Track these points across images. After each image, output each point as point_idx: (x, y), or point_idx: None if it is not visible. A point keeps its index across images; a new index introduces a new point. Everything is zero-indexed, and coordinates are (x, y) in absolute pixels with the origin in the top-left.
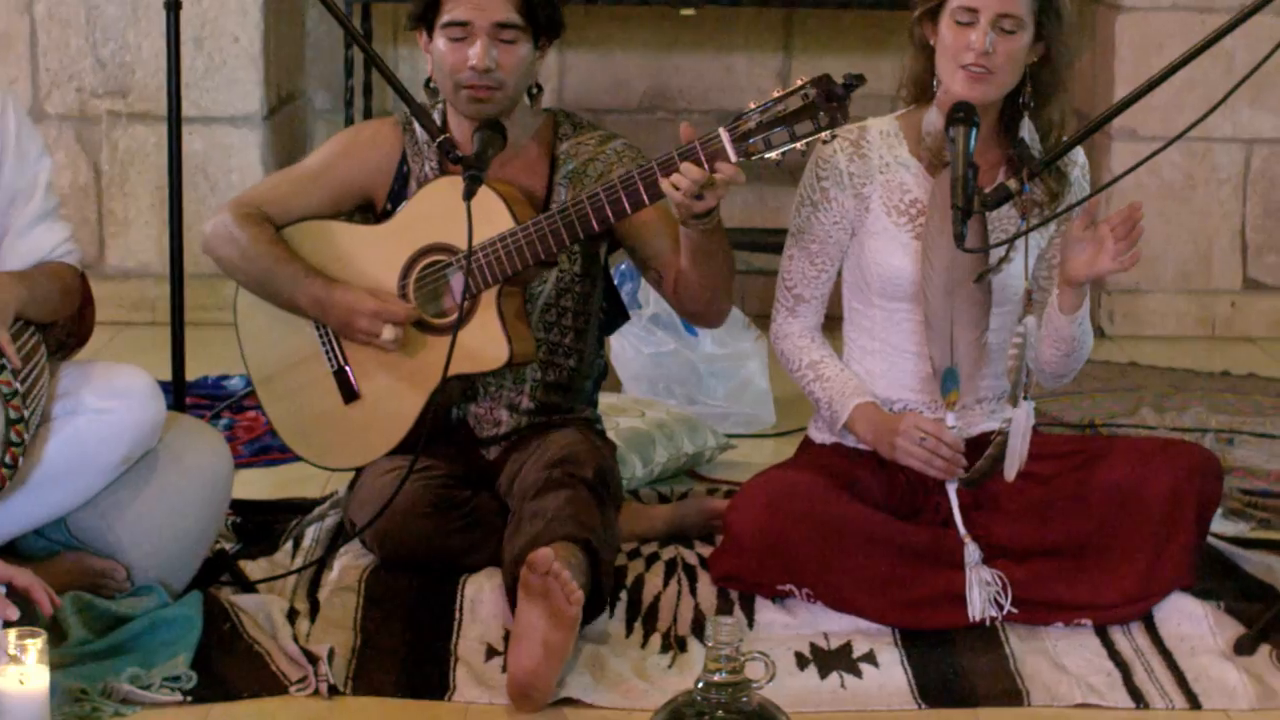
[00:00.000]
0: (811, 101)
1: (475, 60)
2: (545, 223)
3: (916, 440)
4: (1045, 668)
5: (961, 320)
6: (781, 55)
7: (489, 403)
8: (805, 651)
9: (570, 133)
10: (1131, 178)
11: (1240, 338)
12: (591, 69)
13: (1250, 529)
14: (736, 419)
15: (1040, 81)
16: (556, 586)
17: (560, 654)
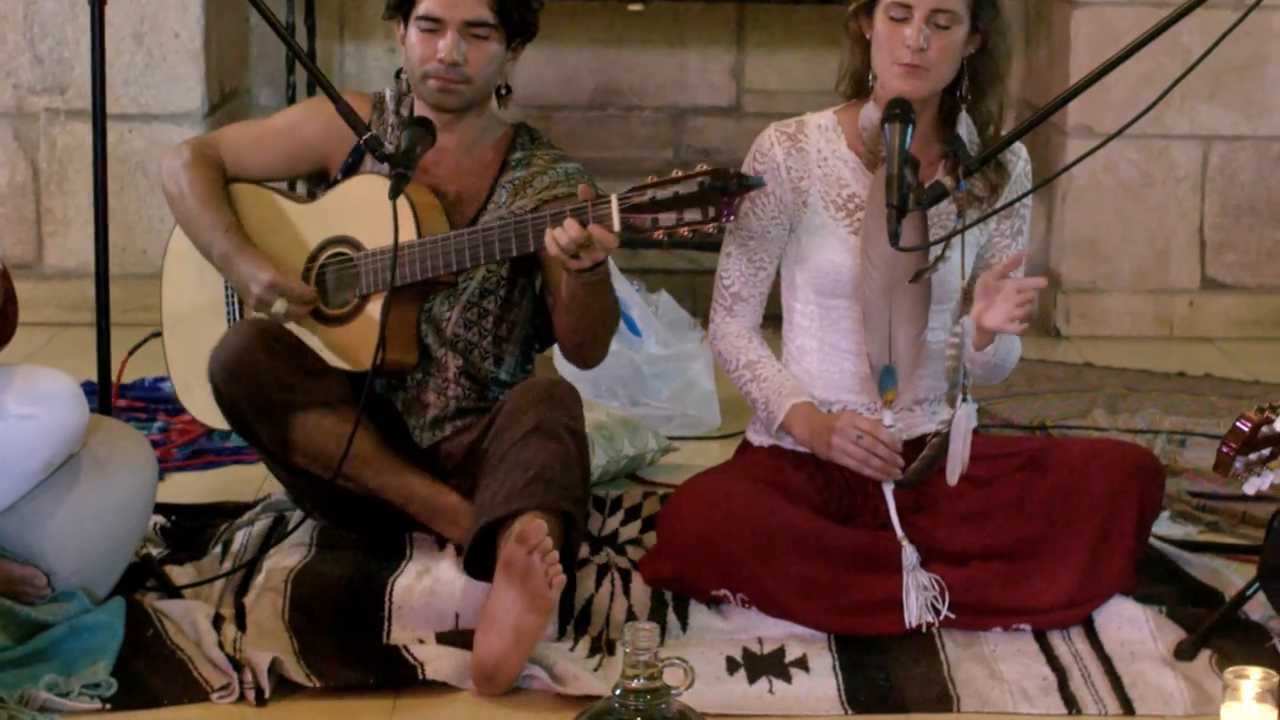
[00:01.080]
0: (705, 191)
1: (443, 53)
2: (440, 245)
3: (853, 439)
4: (980, 674)
5: (900, 318)
6: (734, 51)
7: (415, 389)
8: (737, 656)
9: (527, 144)
10: (1088, 175)
11: (1198, 338)
12: (541, 65)
13: (1198, 532)
14: (681, 421)
15: (978, 74)
16: (540, 568)
17: (532, 639)
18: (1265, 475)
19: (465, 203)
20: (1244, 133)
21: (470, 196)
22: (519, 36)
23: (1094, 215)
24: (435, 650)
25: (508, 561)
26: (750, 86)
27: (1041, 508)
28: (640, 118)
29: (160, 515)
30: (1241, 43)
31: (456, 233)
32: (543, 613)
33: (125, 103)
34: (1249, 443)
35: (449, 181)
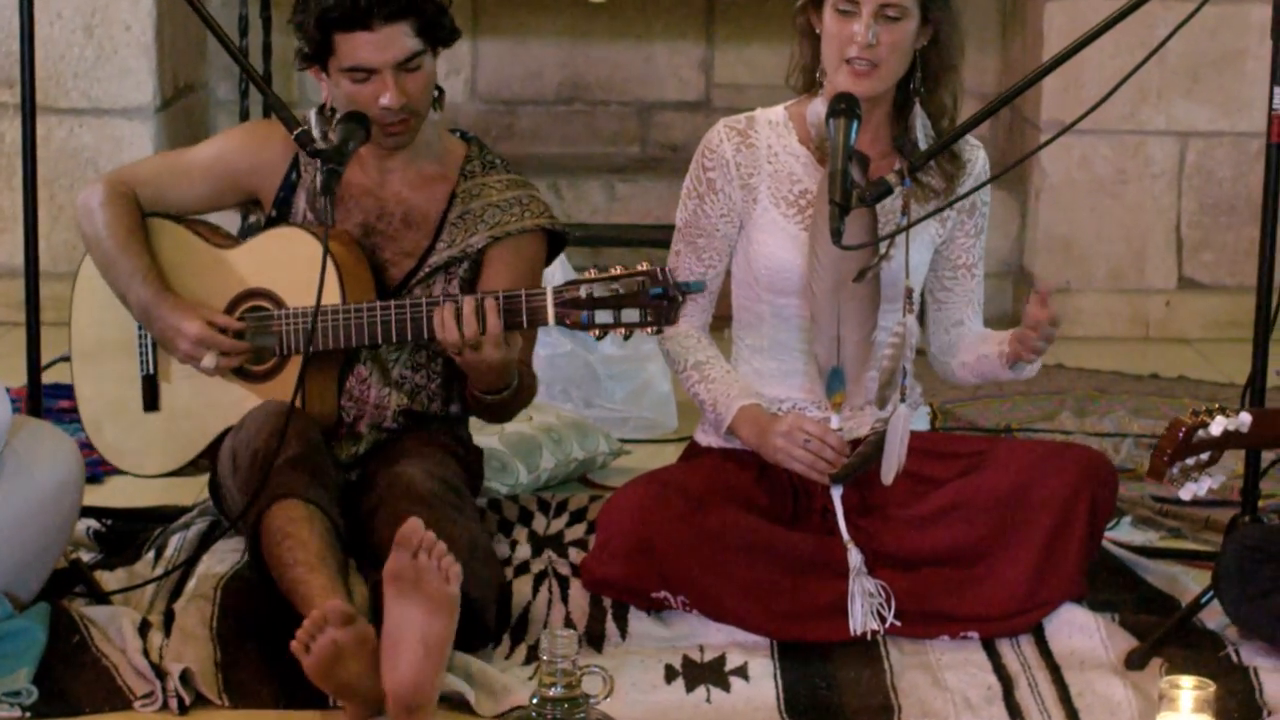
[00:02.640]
0: (644, 295)
1: (389, 101)
2: (365, 314)
3: (799, 442)
4: (923, 682)
5: (849, 318)
6: (704, 45)
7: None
8: (676, 664)
9: (477, 171)
10: (1062, 172)
11: (1175, 339)
12: (505, 59)
13: (1160, 538)
14: (637, 423)
15: (930, 66)
16: (430, 565)
17: (442, 648)
18: (1202, 480)
19: (413, 227)
20: (1222, 129)
21: (418, 220)
22: (443, 43)
23: (1068, 213)
24: None
25: (394, 574)
26: (720, 81)
27: (991, 512)
28: (607, 113)
29: (95, 519)
30: (1219, 37)
31: (384, 305)
32: (447, 614)
33: (75, 96)
34: (1183, 448)
35: (396, 202)
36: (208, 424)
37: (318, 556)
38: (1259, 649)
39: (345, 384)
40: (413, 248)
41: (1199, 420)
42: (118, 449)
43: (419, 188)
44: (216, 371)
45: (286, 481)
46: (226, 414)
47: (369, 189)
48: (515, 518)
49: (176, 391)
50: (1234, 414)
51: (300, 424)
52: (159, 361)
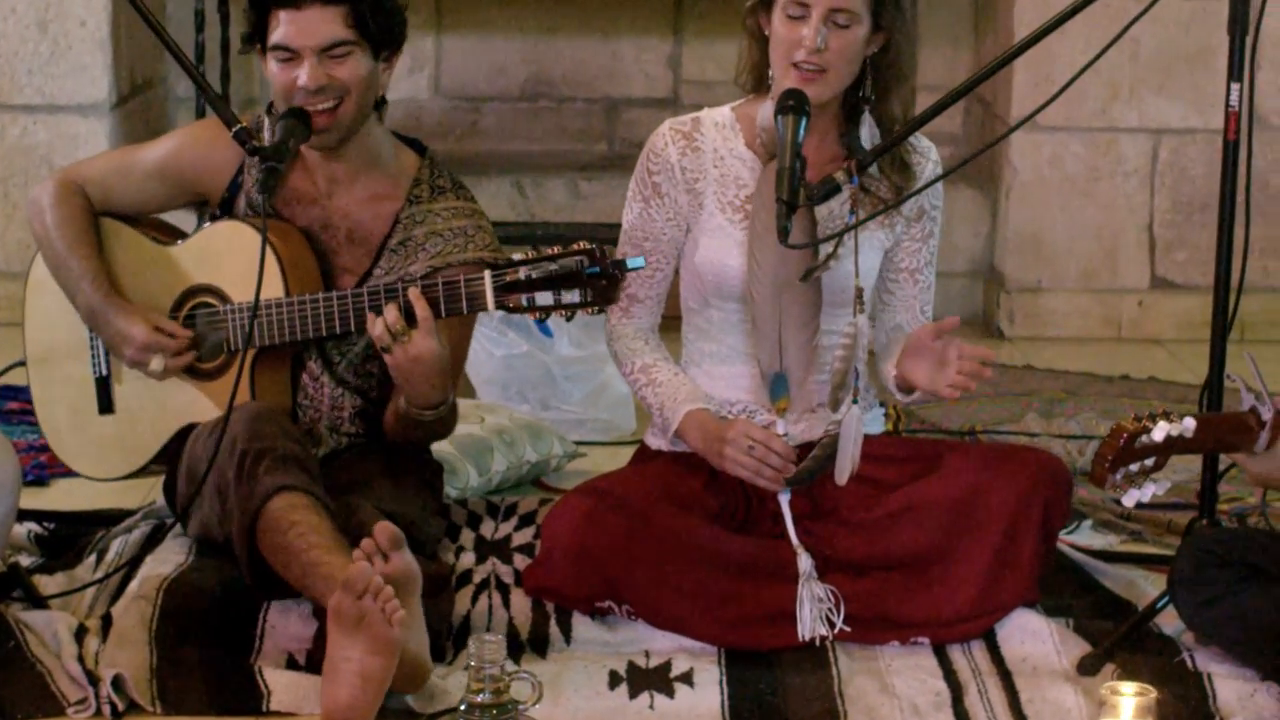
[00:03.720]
0: (582, 272)
1: (305, 80)
2: (309, 306)
3: (745, 449)
4: (871, 689)
5: (791, 321)
6: (671, 41)
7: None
8: (621, 670)
9: (425, 196)
10: (1033, 170)
11: (1147, 339)
12: (469, 55)
13: (1120, 542)
14: (594, 425)
15: (881, 74)
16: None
17: (381, 681)
18: (1146, 487)
19: (357, 244)
20: (1194, 126)
21: (361, 238)
22: (387, 46)
23: (1039, 212)
24: (287, 678)
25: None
26: (688, 77)
27: (943, 516)
28: (573, 110)
29: (36, 523)
30: (1192, 33)
31: (325, 296)
32: (387, 654)
33: (30, 93)
34: (1125, 453)
35: (341, 216)
36: (162, 425)
37: (332, 538)
38: (1214, 655)
39: (299, 381)
40: (354, 265)
41: (1141, 426)
42: (76, 454)
43: (366, 204)
44: (165, 375)
45: (281, 477)
46: (180, 414)
47: (315, 198)
48: (464, 522)
49: (130, 393)
50: (1178, 419)
51: (282, 422)
52: (111, 363)
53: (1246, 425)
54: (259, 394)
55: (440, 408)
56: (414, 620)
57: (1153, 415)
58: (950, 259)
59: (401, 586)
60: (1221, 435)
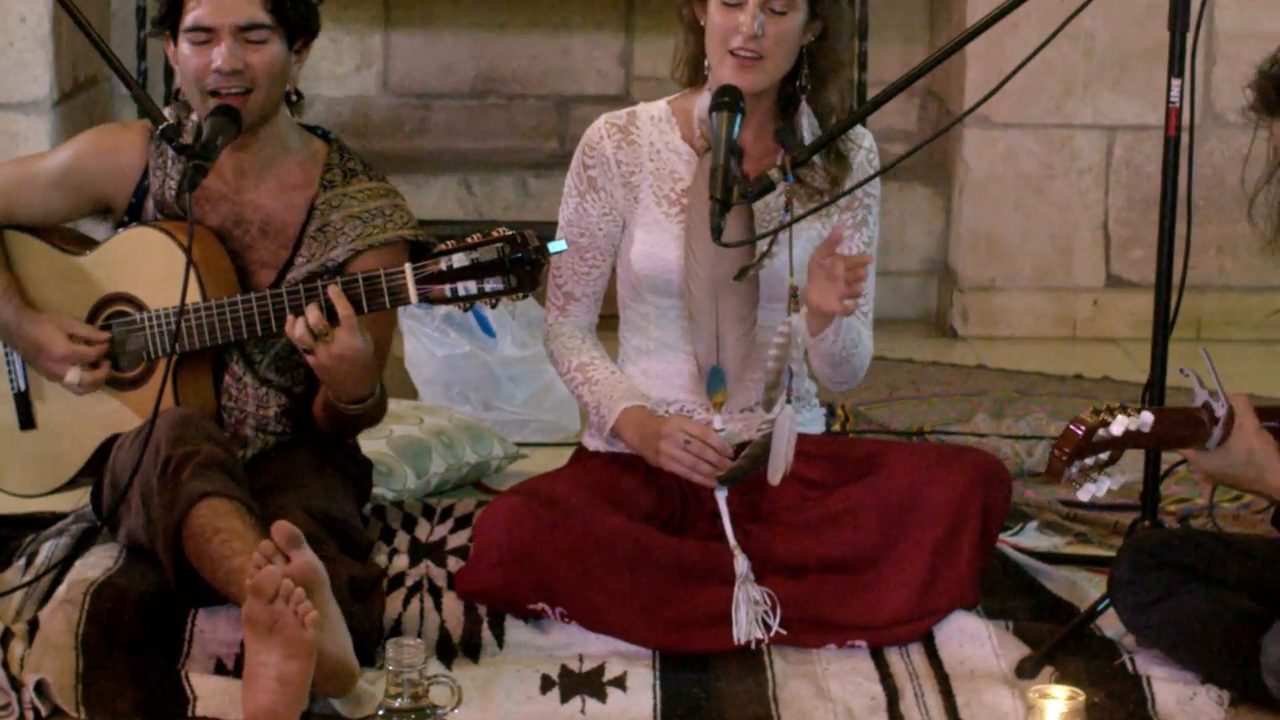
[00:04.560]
0: (504, 259)
1: (220, 62)
2: (228, 308)
3: (681, 444)
4: (806, 693)
5: (727, 317)
6: (623, 37)
7: (233, 424)
8: (554, 674)
9: (338, 180)
10: (986, 167)
11: (1102, 338)
12: (418, 51)
13: (1065, 543)
14: (537, 426)
15: (817, 63)
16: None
17: (300, 685)
18: (1102, 481)
19: (271, 237)
20: (1150, 122)
21: (276, 230)
22: (301, 36)
23: (992, 209)
24: (214, 683)
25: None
26: (640, 74)
27: (882, 517)
28: (524, 107)
29: None
30: (1147, 28)
31: (245, 297)
32: (304, 657)
33: None
34: (1083, 447)
35: (253, 210)
36: (86, 438)
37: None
38: (1154, 658)
39: (222, 384)
40: (271, 258)
41: (1100, 419)
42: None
43: (278, 195)
44: (84, 389)
45: (205, 483)
46: (103, 426)
47: (224, 194)
48: (399, 524)
49: (51, 408)
50: (1135, 413)
51: (205, 427)
52: (30, 378)
53: (1200, 421)
54: (182, 399)
55: (367, 400)
56: (328, 619)
57: (1110, 409)
58: (903, 257)
59: (308, 586)
60: (1176, 430)
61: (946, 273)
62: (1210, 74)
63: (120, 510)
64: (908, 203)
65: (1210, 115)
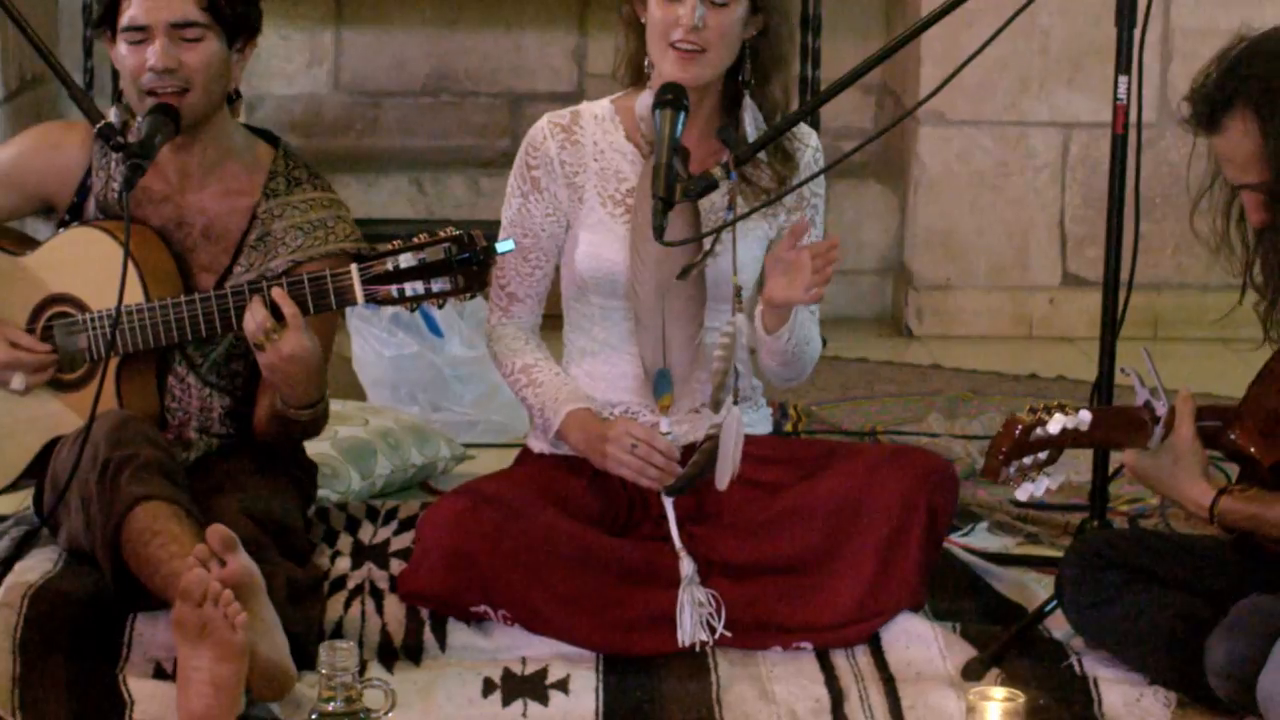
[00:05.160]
0: (451, 259)
1: (154, 60)
2: (171, 309)
3: (627, 448)
4: (750, 695)
5: (674, 318)
6: (576, 33)
7: (177, 426)
8: (496, 677)
9: (281, 189)
10: (941, 165)
11: (1058, 338)
12: (369, 49)
13: (1016, 544)
14: (486, 427)
15: (760, 58)
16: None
17: (234, 688)
18: (1040, 480)
19: (213, 241)
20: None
21: (218, 234)
22: (241, 34)
23: (947, 208)
24: (151, 688)
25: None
26: (594, 71)
27: (827, 518)
28: (476, 104)
29: None
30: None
31: (189, 298)
32: (235, 660)
33: None
34: (1020, 446)
35: (196, 212)
36: (28, 440)
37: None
38: (1102, 659)
39: (166, 385)
40: (212, 262)
41: (1037, 418)
42: None
43: (221, 199)
44: (27, 391)
45: (143, 486)
46: (45, 428)
47: (167, 195)
48: (342, 526)
49: None
50: (1073, 412)
51: (144, 429)
52: None
53: (1141, 421)
54: (126, 401)
55: (317, 405)
56: (263, 623)
57: (1048, 407)
58: (858, 256)
59: (242, 589)
60: (1116, 430)
61: (902, 272)
62: (1167, 71)
63: (60, 513)
64: (863, 201)
65: (1167, 113)
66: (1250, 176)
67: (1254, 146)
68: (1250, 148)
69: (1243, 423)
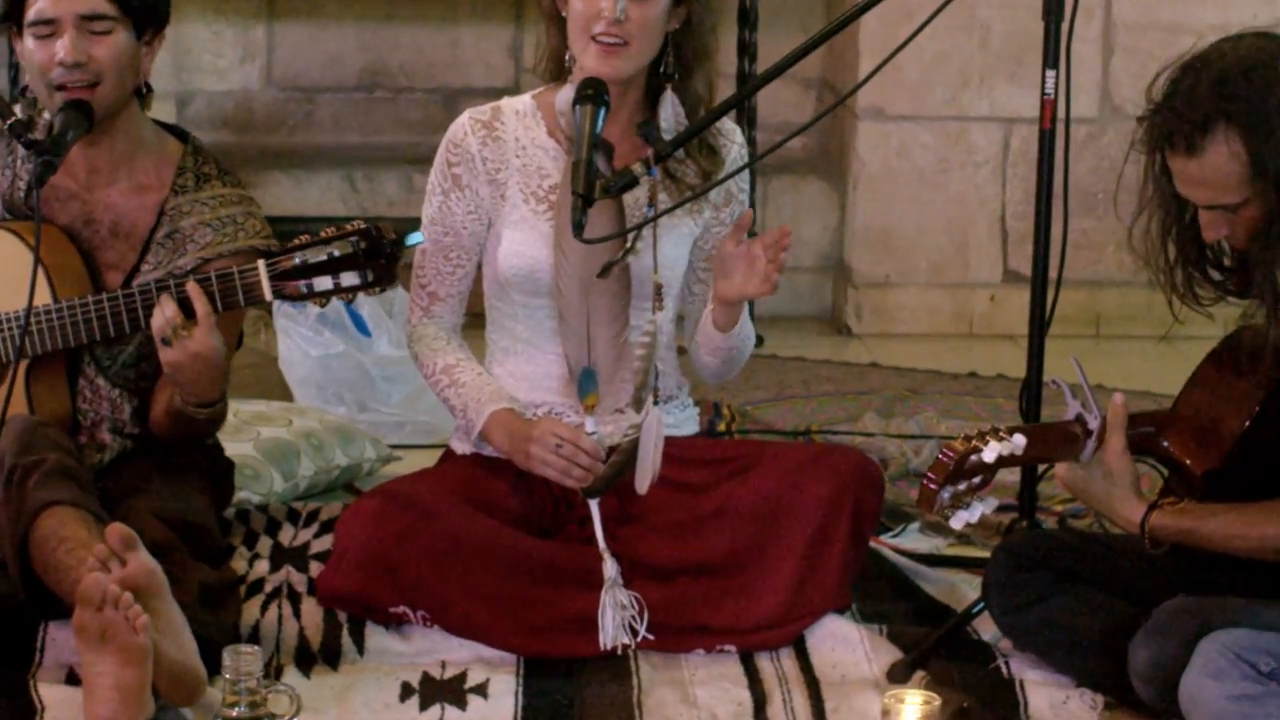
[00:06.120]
0: (359, 253)
1: (63, 54)
2: (79, 310)
3: (552, 448)
4: (672, 699)
5: (598, 317)
6: (513, 28)
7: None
8: (414, 681)
9: (190, 185)
10: (880, 161)
11: (999, 335)
12: (302, 44)
13: (947, 545)
14: (414, 428)
15: (683, 51)
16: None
17: (139, 692)
18: (975, 507)
19: (121, 238)
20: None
21: (125, 231)
22: (150, 25)
23: (887, 204)
24: (61, 693)
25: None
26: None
27: (752, 519)
28: (411, 100)
29: None
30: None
31: (96, 298)
32: (138, 663)
33: None
34: (955, 474)
35: (104, 209)
36: None
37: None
38: (1029, 661)
39: (77, 386)
40: (119, 260)
41: (971, 446)
42: None
43: (129, 195)
44: None
45: (50, 491)
46: None
47: (75, 191)
48: (262, 528)
49: None
50: (1008, 436)
51: (52, 435)
52: None
53: (1073, 435)
54: (36, 404)
55: (216, 405)
56: (169, 624)
57: (982, 434)
58: (797, 254)
59: (144, 589)
60: (1049, 447)
61: (841, 269)
62: (1108, 65)
63: None
64: (801, 198)
65: (1109, 108)
66: (1228, 198)
67: (1240, 169)
68: (1235, 170)
69: (1176, 429)
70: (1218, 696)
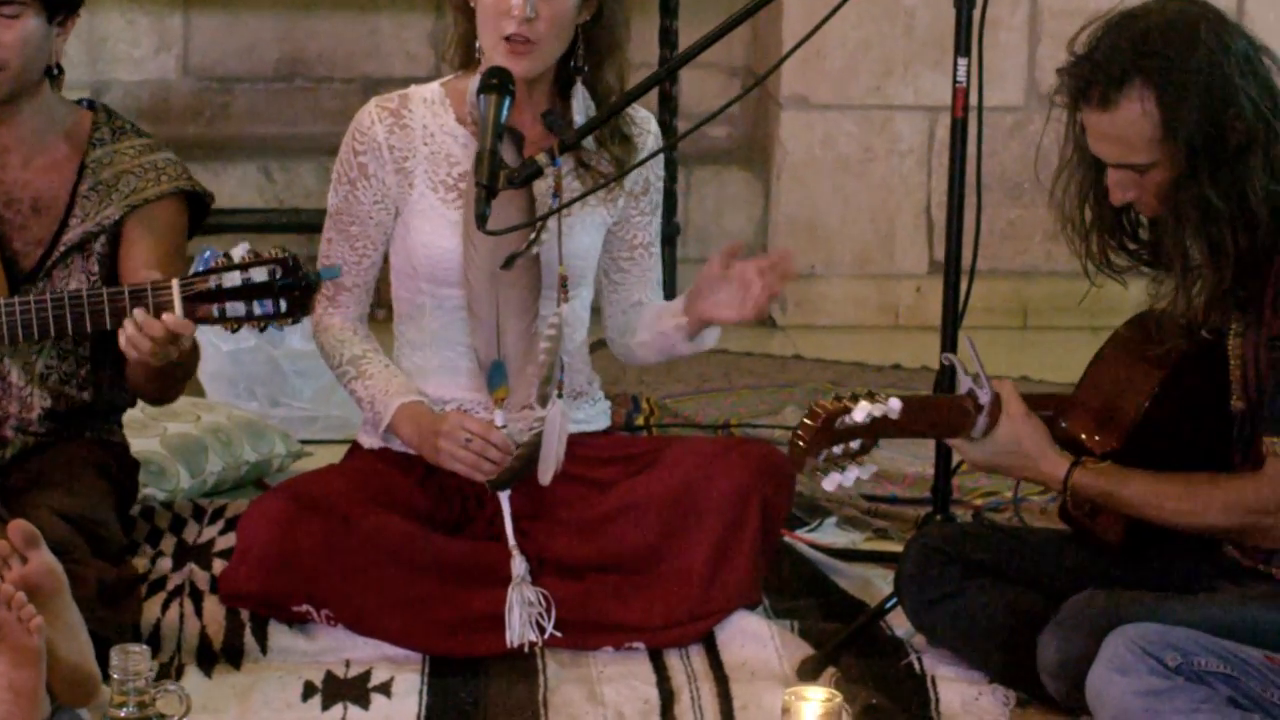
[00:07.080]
0: (275, 283)
1: None
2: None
3: (461, 442)
4: (578, 697)
5: (508, 309)
6: (433, 17)
7: None
8: (318, 680)
9: (107, 138)
10: (804, 150)
11: (926, 327)
12: (217, 33)
13: (864, 539)
14: (326, 423)
15: (594, 43)
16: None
17: (31, 696)
18: (850, 471)
19: (44, 212)
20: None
21: (48, 203)
22: (62, 9)
23: (811, 193)
24: None
25: None
26: None
27: (660, 514)
28: (330, 90)
29: None
30: None
31: (22, 300)
32: (32, 664)
33: None
34: (824, 435)
35: (21, 187)
36: None
37: None
38: (942, 657)
39: None
40: (44, 234)
41: (841, 406)
42: None
43: (46, 171)
44: None
45: None
46: None
47: None
48: (167, 526)
49: None
50: (883, 399)
51: None
52: None
53: (963, 409)
54: None
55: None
56: (66, 625)
57: (855, 395)
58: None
59: (44, 589)
60: (935, 419)
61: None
62: (1035, 53)
63: None
64: (725, 188)
65: (1036, 95)
66: (1137, 157)
67: (1151, 129)
68: (1146, 129)
69: (1076, 412)
70: (1124, 692)
